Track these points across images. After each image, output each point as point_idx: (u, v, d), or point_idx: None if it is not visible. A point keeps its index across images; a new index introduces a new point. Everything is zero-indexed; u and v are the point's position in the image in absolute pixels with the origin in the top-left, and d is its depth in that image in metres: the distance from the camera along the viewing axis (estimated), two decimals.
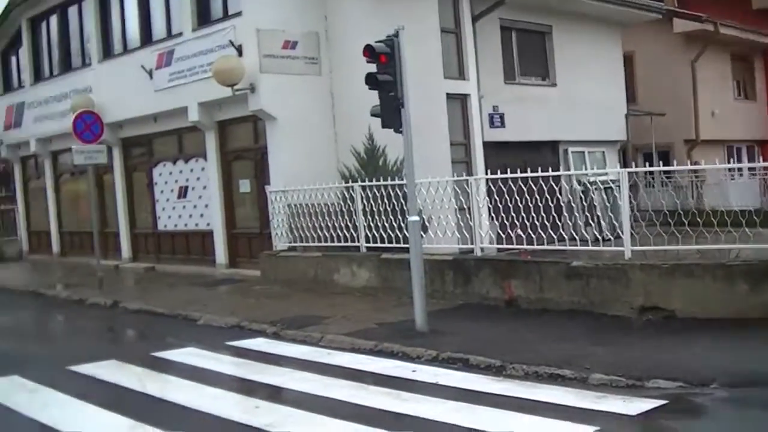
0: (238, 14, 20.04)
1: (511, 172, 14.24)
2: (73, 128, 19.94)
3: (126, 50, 24.57)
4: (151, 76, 22.64)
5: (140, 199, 25.54)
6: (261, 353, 12.21)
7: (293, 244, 18.63)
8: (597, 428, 7.75)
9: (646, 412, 8.25)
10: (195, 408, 9.26)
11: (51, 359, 12.79)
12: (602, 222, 14.25)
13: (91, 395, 10.05)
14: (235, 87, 19.19)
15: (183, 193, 23.59)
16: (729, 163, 24.79)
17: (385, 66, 12.24)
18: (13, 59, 32.00)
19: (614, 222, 13.59)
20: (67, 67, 28.05)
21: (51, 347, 14.93)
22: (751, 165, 29.06)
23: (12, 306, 20.00)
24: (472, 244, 15.24)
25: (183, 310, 16.19)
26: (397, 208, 15.64)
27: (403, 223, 15.02)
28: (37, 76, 29.87)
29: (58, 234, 30.24)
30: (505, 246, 15.03)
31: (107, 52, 25.47)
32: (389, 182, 16.10)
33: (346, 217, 16.96)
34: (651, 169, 15.67)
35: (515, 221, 14.30)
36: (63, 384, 10.70)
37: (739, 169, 26.85)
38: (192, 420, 8.87)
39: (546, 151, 22.70)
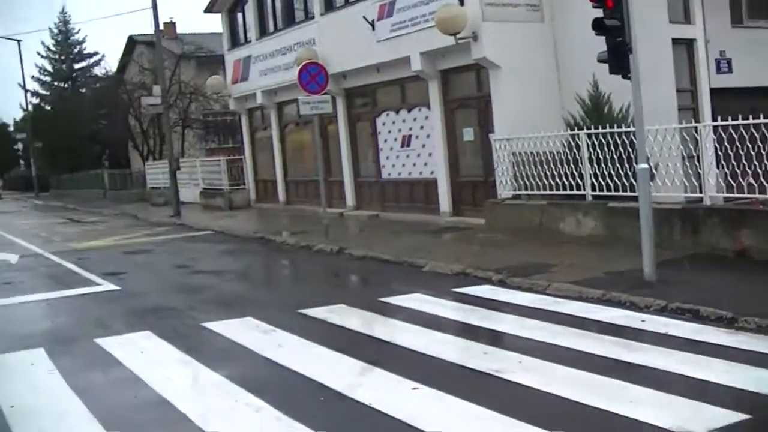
0: None
1: (741, 119, 13.72)
2: (298, 79, 20.39)
3: (348, 2, 25.04)
4: (373, 27, 23.00)
5: (364, 148, 26.11)
6: (487, 300, 12.30)
7: (518, 192, 18.56)
8: None
9: None
10: (424, 352, 9.44)
11: (281, 302, 13.36)
12: None
13: (321, 338, 10.42)
14: (458, 36, 19.27)
15: (406, 141, 23.89)
16: None
17: (612, 11, 11.99)
18: (239, 16, 33.27)
19: None
20: (290, 21, 28.91)
21: (281, 291, 15.61)
22: None
23: (242, 252, 20.91)
24: (699, 192, 14.80)
25: (408, 257, 16.44)
26: (624, 156, 15.40)
27: (630, 171, 14.80)
28: (262, 31, 30.97)
29: (284, 183, 31.38)
30: (734, 195, 14.56)
31: (329, 5, 26.07)
32: (616, 129, 15.82)
33: (571, 164, 16.79)
34: None
35: (746, 169, 13.79)
36: (294, 326, 11.15)
37: None
38: (422, 364, 9.03)
39: None
